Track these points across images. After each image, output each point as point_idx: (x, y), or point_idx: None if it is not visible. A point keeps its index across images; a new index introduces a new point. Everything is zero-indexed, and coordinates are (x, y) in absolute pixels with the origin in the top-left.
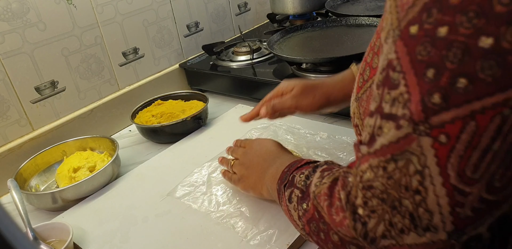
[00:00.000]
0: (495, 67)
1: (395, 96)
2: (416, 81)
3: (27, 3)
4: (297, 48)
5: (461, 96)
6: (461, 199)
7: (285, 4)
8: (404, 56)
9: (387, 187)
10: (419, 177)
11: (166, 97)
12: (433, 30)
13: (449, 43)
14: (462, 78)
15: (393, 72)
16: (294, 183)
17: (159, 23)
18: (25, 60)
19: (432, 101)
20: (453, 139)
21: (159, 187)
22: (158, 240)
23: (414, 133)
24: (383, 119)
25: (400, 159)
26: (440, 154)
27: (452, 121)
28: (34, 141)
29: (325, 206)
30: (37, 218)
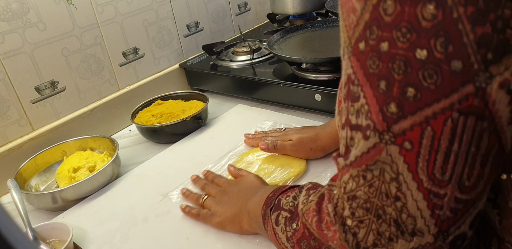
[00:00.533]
0: (434, 75)
1: (358, 108)
2: (372, 93)
3: (27, 3)
4: (297, 48)
5: (413, 104)
6: (437, 201)
7: (285, 4)
8: (359, 70)
9: (369, 196)
10: (396, 183)
11: (166, 97)
12: (377, 46)
13: (392, 57)
14: (410, 88)
15: (353, 85)
16: (280, 205)
17: (159, 23)
18: (25, 60)
19: (389, 110)
20: (416, 144)
21: (159, 187)
22: (158, 240)
23: (380, 142)
24: (353, 131)
25: (374, 169)
26: (408, 160)
27: (411, 128)
28: (34, 141)
29: (314, 222)
30: (37, 218)
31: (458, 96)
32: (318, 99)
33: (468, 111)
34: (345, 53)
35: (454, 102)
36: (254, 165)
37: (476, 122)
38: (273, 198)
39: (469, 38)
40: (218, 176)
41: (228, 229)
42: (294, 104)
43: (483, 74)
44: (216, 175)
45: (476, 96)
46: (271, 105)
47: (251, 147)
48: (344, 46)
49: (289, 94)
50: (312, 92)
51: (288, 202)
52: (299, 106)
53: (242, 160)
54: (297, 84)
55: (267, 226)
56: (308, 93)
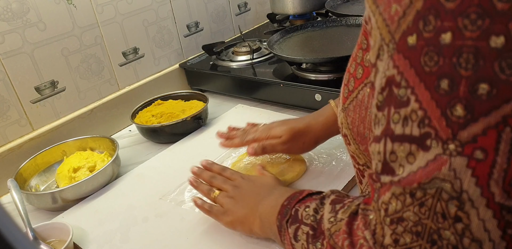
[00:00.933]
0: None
1: (406, 115)
2: (429, 95)
3: (27, 3)
4: (297, 48)
5: (486, 104)
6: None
7: (285, 4)
8: (407, 70)
9: (420, 217)
10: (457, 201)
11: (166, 97)
12: (436, 38)
13: (458, 49)
14: (483, 84)
15: (398, 88)
16: (299, 218)
17: (159, 23)
18: (25, 60)
19: (455, 114)
20: (491, 152)
21: (159, 187)
22: (158, 240)
23: (444, 153)
24: (396, 143)
25: (428, 188)
26: (479, 173)
27: (485, 133)
28: (34, 141)
29: (346, 246)
30: (37, 218)
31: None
32: (318, 99)
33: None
34: (382, 52)
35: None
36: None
37: None
38: (288, 207)
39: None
40: (225, 168)
41: (239, 229)
42: (294, 104)
43: None
44: (222, 167)
45: None
46: (271, 105)
47: None
48: (382, 45)
49: (289, 94)
50: (312, 92)
51: (309, 216)
52: (299, 106)
53: (241, 160)
54: (297, 84)
55: (283, 238)
56: (308, 93)
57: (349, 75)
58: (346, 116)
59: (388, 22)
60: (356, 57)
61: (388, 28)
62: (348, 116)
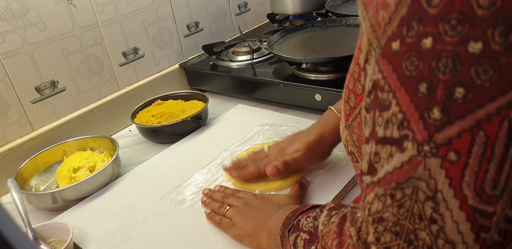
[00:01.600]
0: (491, 71)
1: (387, 118)
2: (409, 99)
3: (27, 3)
4: (297, 48)
5: (462, 107)
6: (484, 221)
7: (285, 4)
8: (390, 74)
9: (399, 218)
10: (432, 203)
11: (166, 97)
12: (417, 43)
13: (437, 54)
14: (459, 88)
15: (382, 92)
16: (299, 227)
17: (159, 23)
18: (25, 60)
19: (432, 117)
20: (464, 154)
21: (159, 187)
22: (158, 240)
23: (418, 155)
24: (378, 145)
25: (406, 187)
26: (452, 174)
27: (459, 136)
28: (34, 141)
29: (334, 245)
30: (37, 218)
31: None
32: (318, 99)
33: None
34: (371, 57)
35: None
36: None
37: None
38: (292, 218)
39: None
40: (237, 190)
41: (246, 243)
42: (294, 104)
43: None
44: (235, 190)
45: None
46: (271, 105)
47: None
48: (369, 49)
49: (289, 94)
50: (312, 92)
51: (308, 223)
52: (299, 106)
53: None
54: (297, 84)
55: (285, 248)
56: (308, 93)
57: (348, 91)
58: (351, 134)
59: (375, 27)
60: (354, 73)
61: (376, 34)
62: (353, 133)
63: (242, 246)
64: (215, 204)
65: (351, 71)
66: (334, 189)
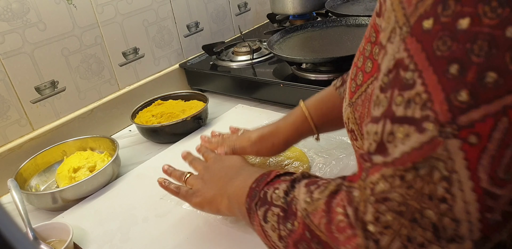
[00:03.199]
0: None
1: (409, 97)
2: (436, 79)
3: (27, 3)
4: (297, 48)
5: (491, 92)
6: (491, 203)
7: (285, 4)
8: (418, 53)
9: (406, 198)
10: (446, 183)
11: (166, 97)
12: (453, 23)
13: (473, 36)
14: (491, 72)
15: (405, 71)
16: (268, 200)
17: (159, 23)
18: (25, 60)
19: (459, 99)
20: (484, 138)
21: (159, 187)
22: (158, 240)
23: (440, 136)
24: (395, 124)
25: (422, 167)
26: (470, 156)
27: (483, 120)
28: (34, 141)
29: (323, 224)
30: (37, 218)
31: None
32: None
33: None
34: (394, 35)
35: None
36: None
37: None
38: (257, 189)
39: None
40: (209, 150)
41: (206, 210)
42: (294, 104)
43: None
44: (207, 149)
45: None
46: (271, 105)
47: None
48: (395, 27)
49: (289, 94)
50: (312, 92)
51: (279, 197)
52: None
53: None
54: (297, 84)
55: (253, 220)
56: (308, 93)
57: (356, 69)
58: (354, 111)
59: (404, 5)
60: (364, 51)
61: (404, 11)
62: (356, 111)
63: (242, 246)
64: (176, 172)
65: (361, 49)
66: None
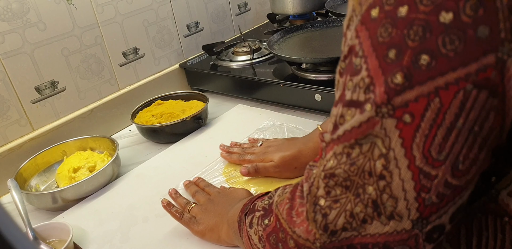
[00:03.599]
0: (457, 41)
1: (356, 82)
2: (377, 64)
3: (27, 3)
4: (297, 48)
5: (424, 73)
6: (426, 183)
7: (285, 4)
8: (366, 40)
9: (349, 174)
10: (384, 160)
11: (166, 97)
12: (394, 11)
13: (410, 22)
14: (425, 55)
15: (356, 57)
16: (255, 208)
17: (159, 23)
18: (25, 60)
19: (394, 81)
20: (417, 117)
21: (159, 187)
22: (158, 240)
23: (376, 115)
24: (345, 107)
25: (364, 143)
26: (404, 134)
27: (416, 100)
28: (34, 141)
29: (285, 209)
30: (37, 218)
31: (477, 66)
32: (318, 99)
33: (483, 85)
34: (352, 23)
35: (471, 73)
36: None
37: (487, 98)
38: (249, 204)
39: (502, 2)
40: (210, 185)
41: (207, 238)
42: (294, 104)
43: (508, 44)
44: (208, 184)
45: (495, 68)
46: (271, 105)
47: None
48: (352, 15)
49: (289, 94)
50: (312, 92)
51: (264, 202)
52: (299, 106)
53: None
54: (297, 84)
55: (242, 232)
56: (308, 93)
57: None
58: None
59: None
60: None
61: (359, 0)
62: None
63: None
64: (182, 200)
65: None
66: None
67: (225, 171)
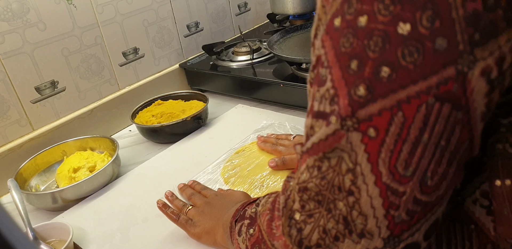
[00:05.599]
0: (415, 53)
1: (322, 93)
2: (341, 75)
3: (27, 3)
4: (297, 48)
5: (386, 86)
6: (395, 200)
7: (285, 4)
8: (330, 50)
9: (320, 188)
10: (351, 175)
11: (166, 97)
12: (354, 21)
13: (370, 32)
14: (385, 67)
15: (322, 68)
16: (244, 215)
17: (159, 23)
18: (25, 60)
19: (357, 93)
20: (382, 131)
21: (159, 187)
22: (158, 240)
23: (342, 129)
24: (314, 119)
25: (332, 157)
26: (370, 149)
27: (380, 113)
28: (34, 141)
29: (266, 220)
30: (37, 218)
31: (437, 79)
32: None
33: (445, 98)
34: (318, 32)
35: (432, 86)
36: None
37: (451, 112)
38: (240, 209)
39: (458, 14)
40: (206, 187)
41: (203, 240)
42: (294, 104)
43: (467, 56)
44: (204, 187)
45: (456, 81)
46: (271, 105)
47: None
48: (318, 24)
49: (289, 94)
50: None
51: (251, 210)
52: (299, 106)
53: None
54: (297, 84)
55: (233, 239)
56: None
57: None
58: None
59: (324, 3)
60: None
61: (324, 9)
62: None
63: None
64: (179, 202)
65: None
66: None
67: (223, 171)
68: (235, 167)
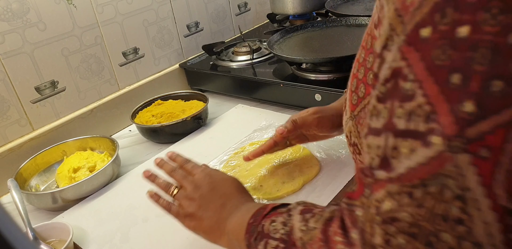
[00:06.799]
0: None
1: (411, 110)
2: (438, 90)
3: (27, 3)
4: (297, 48)
5: (498, 101)
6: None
7: (285, 4)
8: (417, 63)
9: (417, 218)
10: (460, 202)
11: (166, 97)
12: (451, 31)
13: (474, 44)
14: (497, 81)
15: (404, 82)
16: (265, 233)
17: (159, 23)
18: (25, 60)
19: (464, 110)
20: (496, 151)
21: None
22: (158, 240)
23: (447, 150)
24: (398, 138)
25: (431, 184)
26: (483, 171)
27: (493, 131)
28: (34, 141)
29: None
30: (37, 218)
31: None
32: (318, 99)
33: None
34: (391, 43)
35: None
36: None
37: None
38: (254, 224)
39: None
40: (187, 160)
41: (201, 236)
42: (294, 104)
43: None
44: (185, 159)
45: None
46: (271, 105)
47: None
48: (391, 35)
49: (289, 94)
50: (312, 92)
51: (277, 230)
52: (299, 106)
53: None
54: (297, 84)
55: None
56: (308, 93)
57: (357, 81)
58: (356, 124)
59: (401, 12)
60: (365, 62)
61: (401, 19)
62: (359, 124)
63: None
64: (163, 182)
65: (360, 60)
66: (334, 189)
67: (222, 171)
68: (234, 167)
